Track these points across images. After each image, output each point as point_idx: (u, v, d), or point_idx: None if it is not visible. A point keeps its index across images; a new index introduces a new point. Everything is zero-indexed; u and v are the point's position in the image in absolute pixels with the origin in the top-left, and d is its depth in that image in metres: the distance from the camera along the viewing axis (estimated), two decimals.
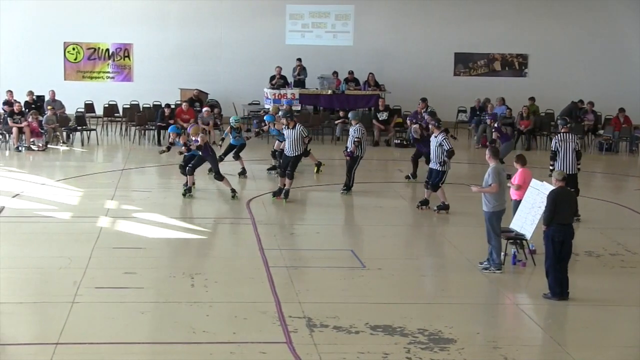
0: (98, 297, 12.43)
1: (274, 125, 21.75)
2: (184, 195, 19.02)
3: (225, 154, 21.65)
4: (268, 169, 22.51)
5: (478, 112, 29.41)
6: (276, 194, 19.15)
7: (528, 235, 14.48)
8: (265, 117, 22.64)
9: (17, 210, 17.53)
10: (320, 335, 11.13)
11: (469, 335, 11.36)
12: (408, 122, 23.10)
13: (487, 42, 32.58)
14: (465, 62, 32.79)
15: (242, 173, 21.67)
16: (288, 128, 19.31)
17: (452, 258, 15.13)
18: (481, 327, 11.85)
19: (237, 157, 21.63)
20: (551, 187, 13.38)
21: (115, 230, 16.42)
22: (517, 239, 14.62)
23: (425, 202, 18.53)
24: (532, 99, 29.86)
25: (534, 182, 14.79)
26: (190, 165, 19.13)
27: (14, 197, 18.69)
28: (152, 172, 22.72)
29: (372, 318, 11.76)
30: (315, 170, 22.38)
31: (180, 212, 18.21)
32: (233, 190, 19.17)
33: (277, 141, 22.10)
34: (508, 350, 10.88)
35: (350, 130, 20.24)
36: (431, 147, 18.37)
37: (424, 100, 26.00)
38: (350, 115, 21.02)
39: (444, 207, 18.23)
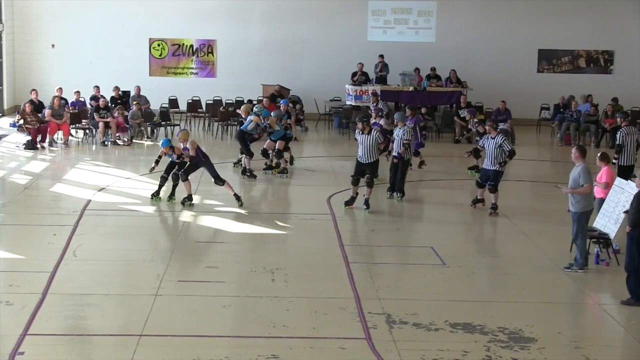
0: (180, 290, 12.62)
1: (268, 120, 20.99)
2: (182, 204, 17.74)
3: (247, 148, 20.87)
4: (264, 169, 21.46)
5: (562, 110, 29.02)
6: (348, 203, 18.04)
7: (612, 235, 14.29)
8: (262, 113, 21.42)
9: (103, 204, 17.83)
10: (400, 332, 11.15)
11: (550, 334, 11.26)
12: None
13: (571, 39, 32.08)
14: (549, 59, 32.35)
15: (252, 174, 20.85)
16: (362, 133, 17.88)
17: (533, 256, 14.97)
18: (563, 327, 11.74)
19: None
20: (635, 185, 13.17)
21: (198, 225, 16.64)
22: (601, 238, 14.44)
23: (479, 201, 18.23)
24: (614, 99, 29.26)
25: (619, 181, 14.58)
26: (182, 171, 17.91)
27: (99, 190, 19.04)
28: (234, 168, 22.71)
29: (452, 315, 11.73)
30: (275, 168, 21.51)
31: (261, 207, 18.34)
32: (238, 197, 17.94)
33: (269, 140, 21.34)
34: (590, 350, 10.76)
35: (397, 131, 18.90)
36: (488, 147, 17.82)
37: (374, 95, 25.73)
38: (396, 116, 19.69)
39: (496, 208, 17.89)
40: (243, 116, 21.65)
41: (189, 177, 18.04)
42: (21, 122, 25.06)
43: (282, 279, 13.22)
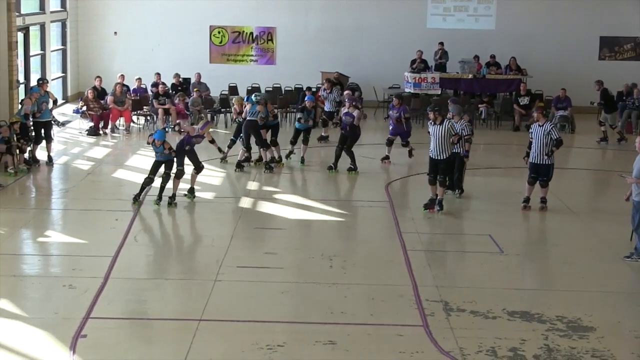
0: (239, 276, 12.75)
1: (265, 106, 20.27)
2: (169, 204, 16.72)
3: (261, 138, 20.14)
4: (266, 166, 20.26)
5: (624, 97, 28.62)
6: (428, 205, 16.83)
7: None
8: (306, 98, 21.63)
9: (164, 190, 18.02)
10: (457, 320, 11.16)
11: (610, 323, 11.20)
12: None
13: (634, 25, 31.57)
14: (611, 46, 31.91)
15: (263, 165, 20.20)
16: (435, 124, 16.59)
17: (592, 245, 14.86)
18: (622, 316, 11.65)
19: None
20: None
21: (257, 211, 16.76)
22: None
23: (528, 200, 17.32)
24: None
25: None
26: (179, 168, 17.01)
27: (160, 176, 19.21)
28: (295, 155, 22.01)
29: (509, 304, 11.71)
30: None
31: (320, 194, 18.40)
32: (192, 190, 17.34)
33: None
34: None
35: (454, 126, 17.08)
36: (536, 136, 16.80)
37: (330, 80, 25.38)
38: (452, 109, 18.07)
39: (546, 202, 17.24)
40: (237, 109, 21.29)
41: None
42: (84, 108, 25.39)
43: (340, 266, 13.30)
